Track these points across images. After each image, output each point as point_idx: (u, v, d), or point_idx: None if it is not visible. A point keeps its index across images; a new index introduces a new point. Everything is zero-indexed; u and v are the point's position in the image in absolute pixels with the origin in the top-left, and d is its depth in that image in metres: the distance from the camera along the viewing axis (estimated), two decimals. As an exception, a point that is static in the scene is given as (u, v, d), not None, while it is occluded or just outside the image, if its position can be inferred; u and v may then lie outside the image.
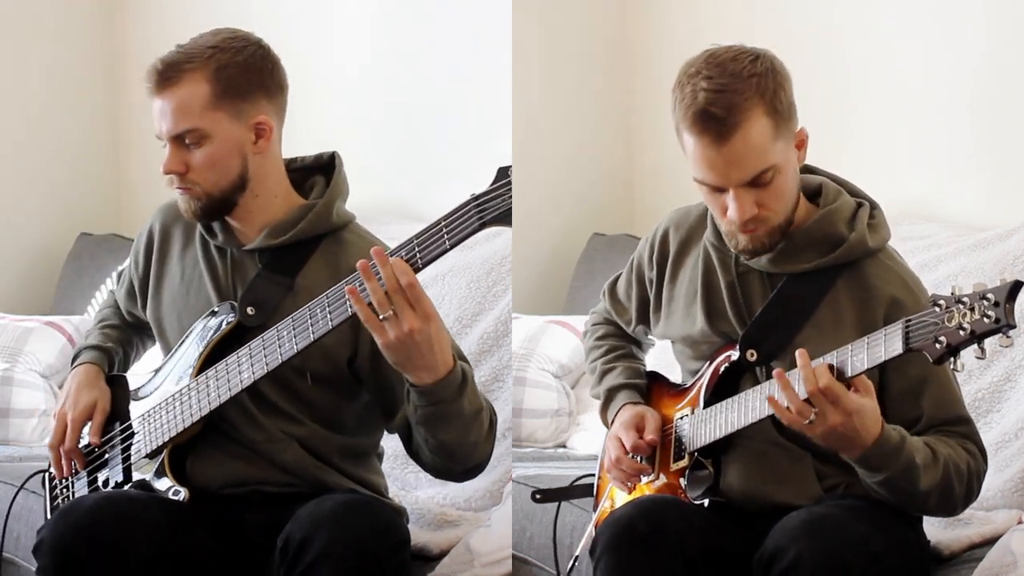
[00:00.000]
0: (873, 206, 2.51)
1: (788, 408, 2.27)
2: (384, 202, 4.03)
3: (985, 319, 2.13)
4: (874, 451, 2.28)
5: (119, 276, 2.86)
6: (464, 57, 3.94)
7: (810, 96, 3.74)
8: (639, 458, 2.55)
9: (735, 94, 2.32)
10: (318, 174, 2.66)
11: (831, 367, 2.26)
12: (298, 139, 2.69)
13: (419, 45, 4.02)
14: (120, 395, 2.70)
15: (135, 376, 2.76)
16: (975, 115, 3.57)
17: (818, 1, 3.89)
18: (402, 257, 2.31)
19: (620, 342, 2.75)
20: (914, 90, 3.68)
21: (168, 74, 2.51)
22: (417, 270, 2.32)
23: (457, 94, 3.95)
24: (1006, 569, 2.47)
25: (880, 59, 3.75)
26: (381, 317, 2.31)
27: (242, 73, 2.54)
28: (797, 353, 2.27)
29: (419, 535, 2.83)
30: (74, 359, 2.76)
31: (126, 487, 2.60)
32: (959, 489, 2.37)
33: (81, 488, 2.68)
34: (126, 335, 2.82)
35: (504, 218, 2.26)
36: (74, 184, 4.50)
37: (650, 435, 2.53)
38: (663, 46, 4.19)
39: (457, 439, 2.45)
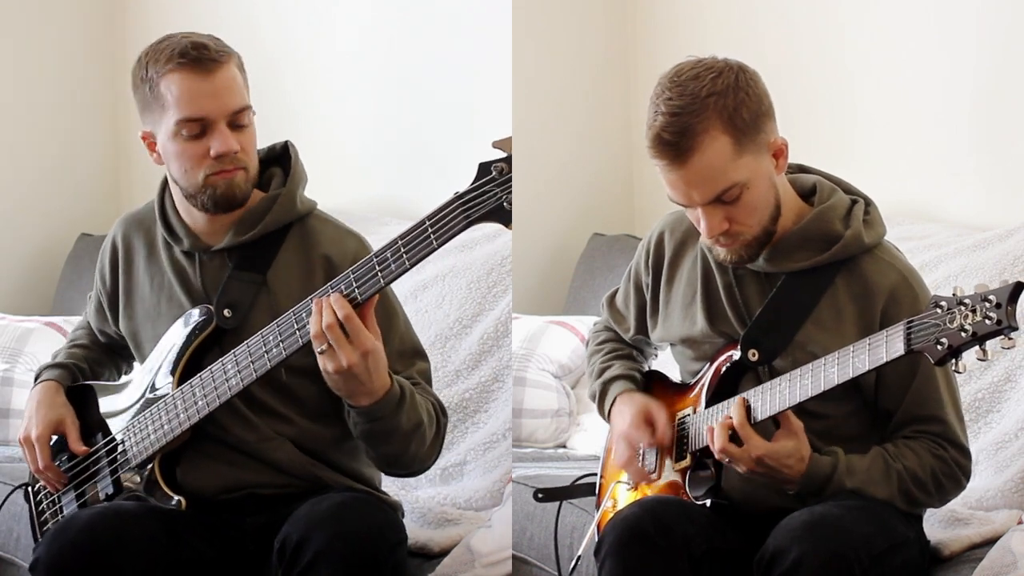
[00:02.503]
0: (868, 202, 2.51)
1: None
2: (384, 202, 4.03)
3: (987, 321, 2.14)
4: (804, 485, 2.39)
5: (89, 298, 2.80)
6: (464, 57, 3.94)
7: (812, 96, 3.77)
8: (647, 460, 2.57)
9: (690, 116, 2.33)
10: (273, 165, 2.64)
11: (747, 406, 2.38)
12: (300, 140, 2.69)
13: (419, 45, 4.02)
14: (90, 405, 2.67)
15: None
16: (975, 115, 3.57)
17: (819, 1, 3.89)
18: (388, 258, 2.32)
19: (620, 344, 2.76)
20: (914, 90, 3.68)
21: (219, 50, 2.49)
22: (405, 270, 2.32)
23: (457, 94, 3.95)
24: (1006, 569, 2.48)
25: (881, 59, 3.75)
26: (317, 351, 2.35)
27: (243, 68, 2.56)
28: (732, 405, 2.39)
29: (420, 533, 2.83)
30: (36, 378, 2.73)
31: (118, 499, 2.59)
32: (922, 495, 2.43)
33: (69, 503, 2.65)
34: (95, 354, 2.78)
35: (496, 215, 2.25)
36: (74, 184, 4.50)
37: (663, 430, 2.55)
38: (664, 46, 4.19)
39: (396, 452, 2.49)
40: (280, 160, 2.64)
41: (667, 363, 2.72)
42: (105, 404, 2.66)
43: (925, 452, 2.43)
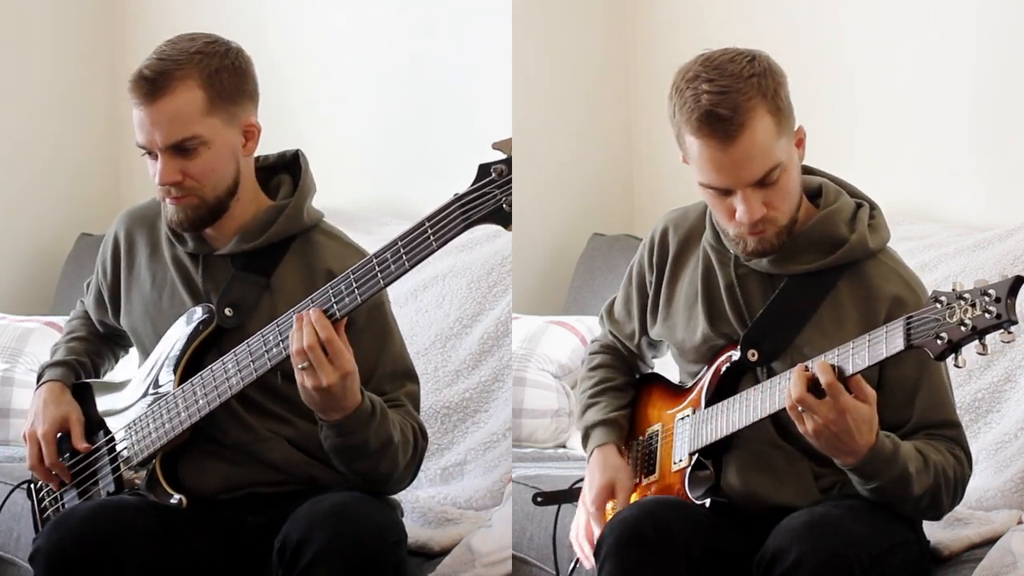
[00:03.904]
0: (873, 207, 2.51)
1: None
2: (384, 202, 4.03)
3: (986, 315, 2.13)
4: (868, 459, 2.30)
5: (87, 286, 2.81)
6: (464, 57, 3.94)
7: (812, 96, 3.75)
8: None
9: (738, 94, 2.32)
10: (283, 172, 2.64)
11: (833, 367, 2.27)
12: (300, 140, 2.69)
13: (418, 45, 4.02)
14: (90, 402, 2.67)
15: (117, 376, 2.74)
16: (975, 115, 3.57)
17: (820, 1, 3.89)
18: (387, 259, 2.33)
19: (611, 373, 2.73)
20: (914, 90, 3.68)
21: (161, 83, 2.47)
22: (405, 271, 2.33)
23: (457, 94, 3.95)
24: (1006, 569, 2.48)
25: (881, 59, 3.75)
26: (298, 367, 2.35)
27: (231, 78, 2.52)
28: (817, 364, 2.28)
29: (420, 533, 2.84)
30: (39, 377, 2.73)
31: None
32: (946, 496, 2.40)
33: (71, 501, 2.66)
34: (94, 346, 2.79)
35: (495, 217, 2.25)
36: (74, 184, 4.50)
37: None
38: (664, 46, 4.19)
39: (367, 468, 2.49)
40: (290, 167, 2.64)
41: (666, 364, 2.72)
42: (107, 402, 2.66)
43: (946, 452, 2.41)
